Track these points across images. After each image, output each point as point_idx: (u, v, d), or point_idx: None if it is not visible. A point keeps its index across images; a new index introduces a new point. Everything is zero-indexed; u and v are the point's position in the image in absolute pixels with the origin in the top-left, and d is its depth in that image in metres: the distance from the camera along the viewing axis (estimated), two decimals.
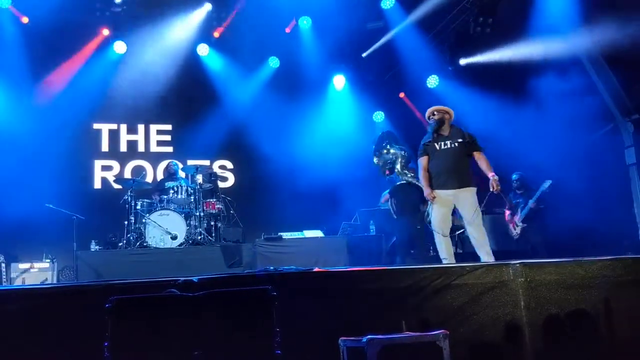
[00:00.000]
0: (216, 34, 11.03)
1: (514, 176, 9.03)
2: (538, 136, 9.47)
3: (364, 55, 11.80)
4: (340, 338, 3.53)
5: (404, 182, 8.23)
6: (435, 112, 6.59)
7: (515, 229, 8.77)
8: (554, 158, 9.08)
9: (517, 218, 8.74)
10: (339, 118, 11.82)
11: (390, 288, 4.12)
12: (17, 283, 7.83)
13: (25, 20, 9.65)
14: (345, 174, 10.83)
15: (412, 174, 8.20)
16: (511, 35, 9.98)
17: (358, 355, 3.33)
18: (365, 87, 11.96)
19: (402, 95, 12.28)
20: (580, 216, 8.41)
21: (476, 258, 6.23)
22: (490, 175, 6.20)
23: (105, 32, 10.40)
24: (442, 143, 6.39)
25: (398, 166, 8.44)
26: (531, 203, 8.51)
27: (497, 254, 9.10)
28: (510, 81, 10.13)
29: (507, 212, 8.94)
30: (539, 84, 9.55)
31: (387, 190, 8.83)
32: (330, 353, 3.55)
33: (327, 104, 11.97)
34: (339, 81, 11.96)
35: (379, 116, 12.38)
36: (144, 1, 10.24)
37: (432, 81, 11.72)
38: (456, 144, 6.34)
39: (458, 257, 8.54)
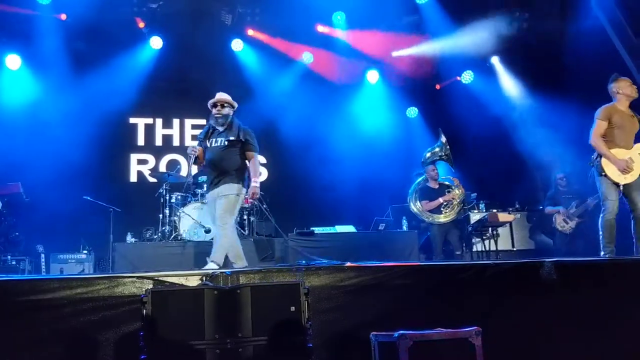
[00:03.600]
0: (250, 32, 11.08)
1: (559, 174, 8.95)
2: (572, 132, 9.29)
3: (394, 54, 11.75)
4: (372, 333, 3.53)
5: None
6: (219, 104, 6.26)
7: (568, 224, 8.61)
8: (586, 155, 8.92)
9: (572, 212, 8.59)
10: (372, 113, 11.78)
11: (423, 283, 4.10)
12: (56, 273, 8.02)
13: (63, 17, 9.84)
14: (378, 169, 10.80)
15: None
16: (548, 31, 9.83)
17: (389, 350, 3.32)
18: (399, 82, 11.89)
19: (438, 87, 12.18)
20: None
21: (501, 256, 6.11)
22: (253, 180, 5.92)
23: (142, 27, 10.53)
24: (214, 140, 6.11)
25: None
26: (591, 200, 8.37)
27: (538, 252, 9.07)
28: (545, 76, 9.99)
29: (555, 210, 8.79)
30: (573, 82, 9.38)
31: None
32: (362, 348, 3.55)
33: (360, 99, 11.93)
34: (373, 76, 11.91)
35: (412, 112, 12.29)
36: None
37: (467, 77, 11.60)
38: (226, 142, 6.01)
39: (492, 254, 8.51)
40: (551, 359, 4.01)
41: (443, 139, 8.57)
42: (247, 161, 6.08)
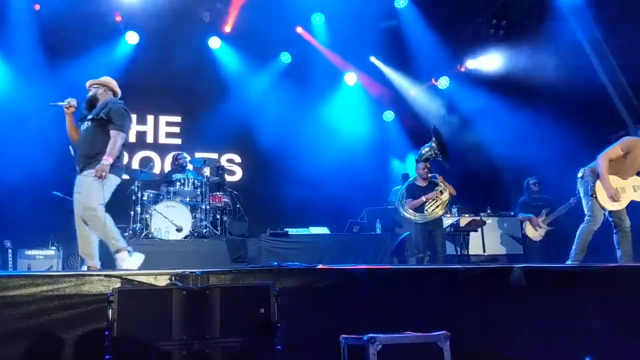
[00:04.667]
0: (227, 28, 11.03)
1: (532, 180, 8.97)
2: (547, 141, 9.43)
3: (371, 59, 11.81)
4: (342, 336, 3.52)
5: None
6: (93, 86, 5.85)
7: (537, 231, 8.70)
8: (562, 163, 9.03)
9: (542, 221, 8.68)
10: (349, 116, 11.83)
11: (394, 287, 4.10)
12: (23, 269, 7.87)
13: (37, 7, 9.67)
14: (353, 171, 10.84)
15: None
16: (524, 38, 9.95)
17: (359, 353, 3.32)
18: (376, 85, 11.95)
19: (412, 93, 12.25)
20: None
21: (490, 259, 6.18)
22: (104, 159, 5.31)
23: (119, 20, 10.41)
24: (85, 122, 5.63)
25: None
26: (562, 208, 8.46)
27: (508, 258, 9.16)
28: (521, 85, 10.11)
29: (526, 217, 8.86)
30: (550, 89, 9.51)
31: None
32: (331, 350, 3.54)
33: (338, 101, 11.97)
34: (351, 78, 11.95)
35: (389, 115, 12.35)
36: None
37: (443, 82, 11.70)
38: (89, 123, 5.55)
39: (464, 259, 8.58)
40: None
41: (433, 139, 8.52)
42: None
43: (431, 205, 7.85)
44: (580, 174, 6.44)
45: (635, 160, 6.20)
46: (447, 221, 8.97)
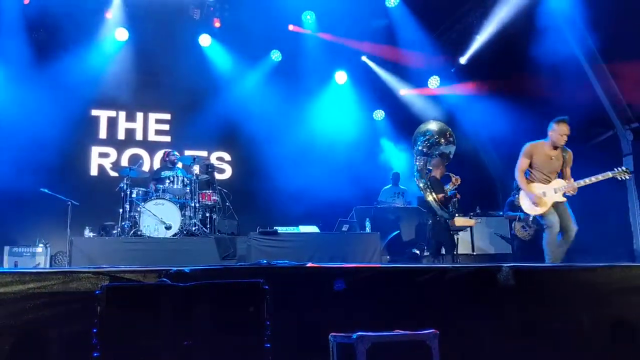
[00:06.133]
0: (217, 24, 11.00)
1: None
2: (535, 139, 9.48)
3: (362, 58, 11.82)
4: (331, 334, 3.52)
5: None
6: None
7: (527, 231, 8.72)
8: None
9: (531, 220, 8.71)
10: (339, 114, 11.83)
11: (383, 286, 4.11)
12: (10, 266, 7.81)
13: (26, 1, 9.58)
14: (343, 170, 10.84)
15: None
16: (513, 37, 10.00)
17: (347, 351, 3.32)
18: (367, 85, 11.96)
19: (403, 92, 12.28)
20: (576, 223, 8.41)
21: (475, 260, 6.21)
22: None
23: (108, 18, 10.35)
24: None
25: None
26: None
27: (495, 257, 9.20)
28: (510, 84, 10.16)
29: (515, 216, 8.89)
30: (538, 89, 9.56)
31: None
32: (320, 348, 3.54)
33: (328, 100, 11.97)
34: (341, 77, 11.95)
35: (379, 114, 12.37)
36: None
37: (434, 82, 11.72)
38: None
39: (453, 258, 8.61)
40: None
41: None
42: None
43: (453, 205, 8.04)
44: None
45: (543, 162, 6.39)
46: None
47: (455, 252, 8.59)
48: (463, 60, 11.15)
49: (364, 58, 11.96)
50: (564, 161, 6.40)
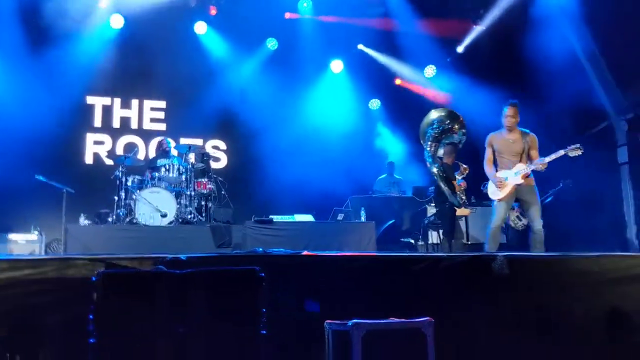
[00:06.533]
0: (213, 11, 10.94)
1: None
2: (531, 130, 9.49)
3: (359, 46, 11.78)
4: (326, 321, 3.54)
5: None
6: None
7: (521, 221, 8.75)
8: (545, 153, 9.10)
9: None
10: (335, 103, 11.80)
11: (378, 274, 4.13)
12: (5, 253, 7.80)
13: None
14: (338, 159, 10.84)
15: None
16: (509, 27, 9.99)
17: (343, 339, 3.34)
18: (363, 74, 11.93)
19: (398, 82, 12.25)
20: (570, 212, 8.46)
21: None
22: None
23: (103, 4, 10.27)
24: None
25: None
26: (548, 198, 8.53)
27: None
28: (506, 74, 10.15)
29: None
30: (534, 79, 9.56)
31: None
32: (316, 336, 3.56)
33: (324, 89, 11.93)
34: (337, 66, 11.92)
35: (374, 104, 12.35)
36: None
37: (430, 71, 11.69)
38: None
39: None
40: (500, 352, 4.09)
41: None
42: None
43: (461, 193, 8.14)
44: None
45: (502, 147, 6.63)
46: (432, 210, 9.01)
47: (464, 240, 8.58)
48: (460, 49, 11.12)
49: (360, 46, 11.90)
50: (528, 145, 6.55)
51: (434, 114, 7.73)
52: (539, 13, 9.23)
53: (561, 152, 6.38)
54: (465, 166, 8.11)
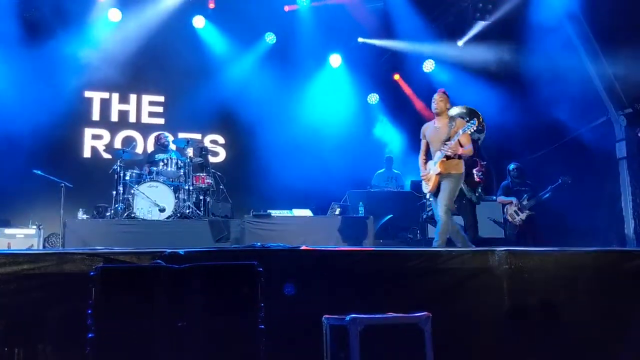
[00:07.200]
0: (211, 5, 10.91)
1: (512, 165, 9.01)
2: (530, 125, 9.50)
3: (360, 40, 11.74)
4: (324, 316, 3.55)
5: None
6: None
7: (519, 216, 8.74)
8: (544, 147, 9.11)
9: (523, 204, 8.73)
10: (334, 98, 11.78)
11: (376, 269, 4.13)
12: (3, 247, 7.79)
13: None
14: (337, 154, 10.84)
15: None
16: (509, 22, 9.96)
17: (341, 333, 3.35)
18: (361, 68, 11.91)
19: (396, 77, 12.23)
20: (568, 207, 8.47)
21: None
22: None
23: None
24: None
25: None
26: (546, 194, 8.54)
27: (489, 241, 9.23)
28: (505, 69, 10.14)
29: (508, 200, 8.91)
30: (533, 73, 9.55)
31: None
32: (314, 330, 3.57)
33: (322, 84, 11.91)
34: (335, 60, 11.89)
35: (373, 98, 12.33)
36: None
37: (429, 65, 11.65)
38: None
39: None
40: (498, 346, 4.10)
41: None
42: None
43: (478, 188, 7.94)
44: None
45: (430, 136, 6.31)
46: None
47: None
48: (460, 43, 11.09)
49: (360, 39, 11.86)
50: (454, 131, 6.10)
51: (454, 111, 7.72)
52: (537, 7, 9.21)
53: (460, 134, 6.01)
54: (482, 162, 8.08)
